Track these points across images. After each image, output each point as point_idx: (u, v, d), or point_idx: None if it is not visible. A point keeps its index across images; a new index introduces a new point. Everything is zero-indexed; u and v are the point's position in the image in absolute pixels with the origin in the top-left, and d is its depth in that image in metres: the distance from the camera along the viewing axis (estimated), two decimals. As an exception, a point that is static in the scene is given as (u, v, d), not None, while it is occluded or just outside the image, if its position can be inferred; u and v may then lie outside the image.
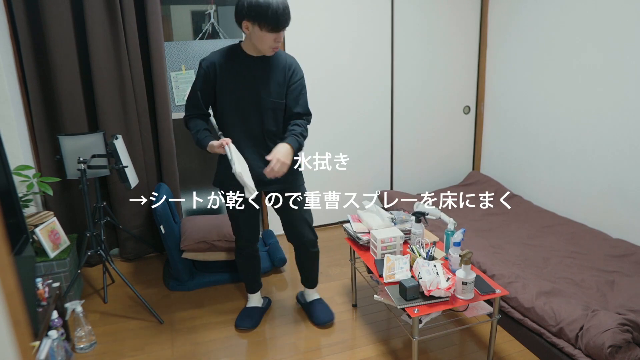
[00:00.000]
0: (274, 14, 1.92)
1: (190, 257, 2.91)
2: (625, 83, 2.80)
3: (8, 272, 0.60)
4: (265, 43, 2.02)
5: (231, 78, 2.11)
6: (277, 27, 1.97)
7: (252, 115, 2.15)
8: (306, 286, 2.62)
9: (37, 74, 2.88)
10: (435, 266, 2.00)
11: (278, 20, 1.94)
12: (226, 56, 2.12)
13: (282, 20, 1.96)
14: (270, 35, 1.98)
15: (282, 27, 1.98)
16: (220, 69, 2.10)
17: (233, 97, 2.13)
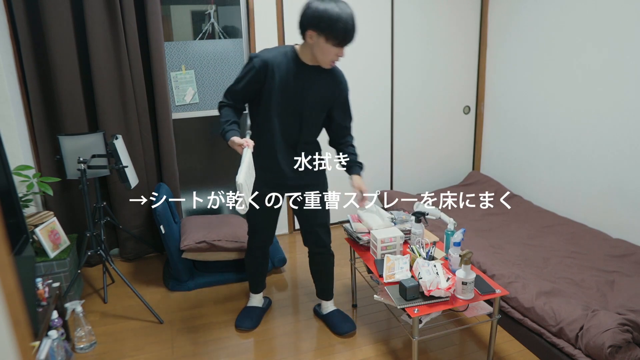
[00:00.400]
0: (344, 29, 1.89)
1: (190, 257, 2.91)
2: (625, 83, 2.80)
3: (8, 272, 0.60)
4: (327, 56, 1.99)
5: (281, 83, 2.05)
6: (344, 42, 1.94)
7: (293, 124, 2.13)
8: (322, 298, 2.57)
9: (37, 74, 2.88)
10: (435, 266, 2.00)
11: (346, 35, 1.91)
12: (281, 59, 2.05)
13: (350, 36, 1.94)
14: (334, 49, 1.96)
15: (349, 42, 1.96)
16: (273, 72, 2.03)
17: (279, 102, 2.08)
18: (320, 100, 2.13)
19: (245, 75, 2.07)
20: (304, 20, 1.94)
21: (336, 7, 1.89)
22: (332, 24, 1.88)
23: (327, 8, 1.88)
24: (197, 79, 3.32)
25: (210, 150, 3.65)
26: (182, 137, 3.47)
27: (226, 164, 3.72)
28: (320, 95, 2.12)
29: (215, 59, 3.34)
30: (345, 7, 1.91)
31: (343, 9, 1.89)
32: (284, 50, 2.08)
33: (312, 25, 1.91)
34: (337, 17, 1.87)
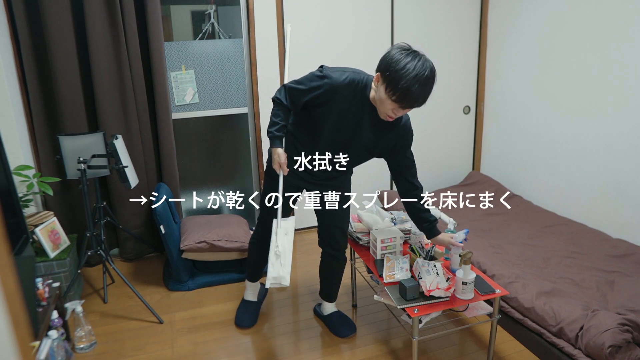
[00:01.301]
0: (407, 87, 1.70)
1: (190, 257, 2.91)
2: (625, 83, 2.80)
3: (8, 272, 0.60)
4: (384, 107, 1.82)
5: (340, 114, 1.94)
6: (402, 100, 1.74)
7: (337, 149, 2.06)
8: (324, 299, 2.54)
9: (37, 74, 2.88)
10: (435, 266, 2.00)
11: (407, 94, 1.71)
12: (349, 90, 1.90)
13: (411, 98, 1.73)
14: (391, 104, 1.78)
15: (409, 105, 1.76)
16: (337, 100, 1.91)
17: (330, 128, 1.99)
18: (373, 144, 2.02)
19: (310, 90, 1.94)
20: (380, 60, 1.82)
21: (413, 62, 1.73)
22: (398, 77, 1.71)
23: (402, 59, 1.74)
24: (197, 79, 3.32)
25: (210, 150, 3.65)
26: (182, 137, 3.47)
27: (226, 164, 3.72)
28: (374, 140, 2.00)
29: (215, 59, 3.34)
30: (423, 66, 1.73)
31: (418, 67, 1.72)
32: (357, 79, 1.91)
33: (381, 69, 1.78)
34: (406, 71, 1.70)
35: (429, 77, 1.73)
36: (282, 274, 1.97)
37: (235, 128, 3.62)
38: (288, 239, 2.05)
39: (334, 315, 2.53)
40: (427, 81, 1.72)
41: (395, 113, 1.82)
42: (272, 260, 2.01)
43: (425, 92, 1.74)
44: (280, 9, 3.31)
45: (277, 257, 2.01)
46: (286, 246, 2.03)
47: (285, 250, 2.02)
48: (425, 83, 1.72)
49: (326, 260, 2.45)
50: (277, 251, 2.02)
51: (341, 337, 2.43)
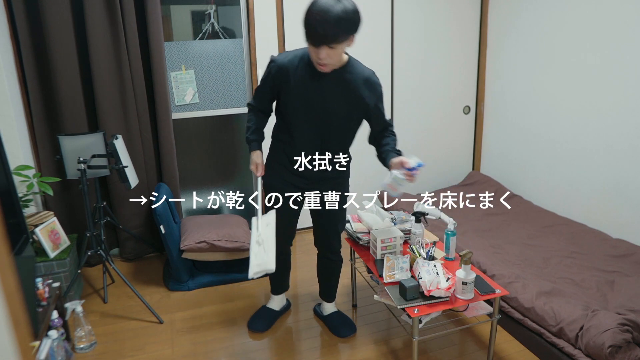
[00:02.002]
0: (308, 23, 1.73)
1: (190, 257, 2.91)
2: (625, 83, 2.80)
3: (8, 272, 0.60)
4: (311, 56, 1.85)
5: (299, 88, 1.96)
6: (309, 38, 1.76)
7: (315, 128, 2.04)
8: (324, 299, 2.55)
9: (37, 74, 2.88)
10: (435, 266, 2.00)
11: (309, 30, 1.73)
12: (298, 63, 1.95)
13: (313, 32, 1.72)
14: (310, 47, 1.81)
15: (317, 40, 1.75)
16: (288, 77, 1.96)
17: (299, 107, 2.01)
18: (343, 107, 1.98)
19: (264, 80, 2.05)
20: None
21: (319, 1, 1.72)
22: (305, 16, 1.73)
23: (312, 1, 1.74)
24: (197, 79, 3.32)
25: (210, 150, 3.65)
26: (182, 137, 3.47)
27: (226, 164, 3.72)
28: (342, 102, 1.97)
29: (215, 59, 3.34)
30: (330, 2, 1.70)
31: (324, 2, 1.70)
32: (301, 53, 1.96)
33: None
34: (311, 8, 1.72)
35: (333, 11, 1.68)
36: (267, 259, 1.94)
37: (235, 128, 3.62)
38: (270, 229, 2.03)
39: (333, 315, 2.53)
40: (330, 15, 1.68)
41: (318, 56, 1.79)
42: (255, 249, 1.98)
43: (329, 26, 1.69)
44: (280, 9, 3.31)
45: (259, 245, 1.98)
46: (269, 235, 2.01)
47: (267, 239, 2.00)
48: (327, 16, 1.68)
49: (322, 261, 2.46)
50: (259, 240, 1.99)
51: (341, 337, 2.43)
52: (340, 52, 1.83)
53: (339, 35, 1.74)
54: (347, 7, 1.72)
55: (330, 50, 1.78)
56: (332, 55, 1.80)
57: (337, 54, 1.82)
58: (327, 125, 2.04)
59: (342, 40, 1.77)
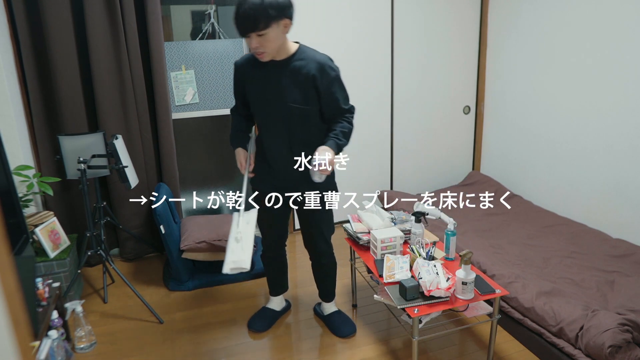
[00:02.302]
0: (234, 17, 1.80)
1: (190, 257, 2.91)
2: (625, 83, 2.80)
3: (8, 272, 0.60)
4: (250, 48, 1.90)
5: (255, 83, 2.04)
6: (237, 28, 1.82)
7: (278, 122, 2.06)
8: (323, 299, 2.54)
9: (37, 74, 2.88)
10: (435, 266, 2.00)
11: (236, 24, 1.81)
12: (254, 60, 2.00)
13: (239, 22, 1.79)
14: (246, 40, 1.87)
15: (243, 30, 1.81)
16: (246, 73, 2.05)
17: (258, 102, 2.07)
18: (296, 93, 1.98)
19: (234, 82, 2.16)
20: None
21: None
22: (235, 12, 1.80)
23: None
24: (197, 79, 3.33)
25: (210, 150, 3.65)
26: (182, 137, 3.47)
27: (226, 164, 3.72)
28: (295, 88, 1.97)
29: (215, 59, 3.34)
30: None
31: None
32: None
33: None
34: (236, 4, 1.79)
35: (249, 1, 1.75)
36: (243, 257, 1.94)
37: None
38: (250, 227, 2.05)
39: (334, 314, 2.52)
40: (247, 4, 1.75)
41: (251, 45, 1.86)
42: (232, 245, 1.99)
43: (247, 15, 1.75)
44: (280, 9, 3.31)
45: (237, 242, 1.99)
46: (248, 233, 2.02)
47: (246, 237, 2.00)
48: (245, 5, 1.75)
49: (315, 264, 2.45)
50: (237, 237, 2.00)
51: (341, 337, 2.42)
52: (272, 38, 1.84)
53: (259, 22, 1.77)
54: None
55: (260, 39, 1.82)
56: (264, 43, 1.84)
57: (270, 41, 1.84)
58: (288, 117, 2.03)
59: (266, 27, 1.79)
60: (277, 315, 2.58)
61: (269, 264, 2.50)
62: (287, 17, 1.84)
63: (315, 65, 1.96)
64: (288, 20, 1.85)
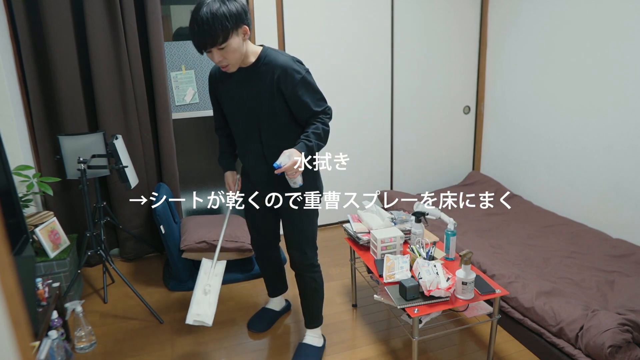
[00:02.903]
0: (191, 33, 1.72)
1: (190, 257, 2.91)
2: (625, 83, 2.80)
3: (8, 272, 0.59)
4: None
5: (225, 92, 2.00)
6: (197, 48, 1.75)
7: (250, 130, 1.99)
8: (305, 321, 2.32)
9: (37, 74, 2.88)
10: (435, 266, 2.00)
11: (193, 40, 1.73)
12: (216, 67, 2.01)
13: (195, 39, 1.72)
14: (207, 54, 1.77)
15: (199, 46, 1.73)
16: (217, 83, 2.01)
17: (229, 111, 2.03)
18: (263, 98, 1.88)
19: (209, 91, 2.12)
20: None
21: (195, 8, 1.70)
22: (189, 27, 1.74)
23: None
24: (197, 79, 3.32)
25: (210, 150, 3.64)
26: (182, 137, 3.47)
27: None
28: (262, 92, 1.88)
29: (215, 59, 3.34)
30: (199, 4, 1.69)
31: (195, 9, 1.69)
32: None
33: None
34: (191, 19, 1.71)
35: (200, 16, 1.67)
36: (208, 313, 2.01)
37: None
38: (218, 280, 2.12)
39: (301, 347, 2.26)
40: (199, 20, 1.67)
41: (213, 59, 1.78)
42: (198, 297, 2.05)
43: (204, 29, 1.67)
44: (280, 9, 3.31)
45: (205, 294, 2.05)
46: (216, 286, 2.09)
47: (214, 290, 2.08)
48: (198, 22, 1.67)
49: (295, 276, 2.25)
50: (206, 289, 2.07)
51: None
52: (234, 48, 1.75)
53: (217, 37, 1.69)
54: (211, 7, 1.67)
55: (222, 52, 1.74)
56: (227, 55, 1.76)
57: (232, 52, 1.75)
58: (259, 124, 1.95)
59: (225, 39, 1.71)
60: (276, 316, 2.57)
61: (261, 265, 2.48)
62: (245, 23, 1.76)
63: (279, 70, 1.84)
64: (246, 26, 1.77)
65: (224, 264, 2.18)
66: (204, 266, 2.14)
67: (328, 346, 2.35)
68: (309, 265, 2.17)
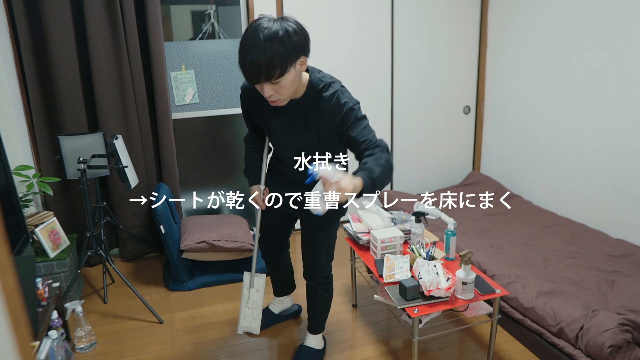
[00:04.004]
0: (241, 63, 1.51)
1: (190, 257, 2.91)
2: (625, 83, 2.80)
3: (8, 272, 0.59)
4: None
5: (264, 117, 1.82)
6: (246, 77, 1.52)
7: (283, 152, 1.88)
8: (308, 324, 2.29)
9: (37, 74, 2.88)
10: (435, 266, 2.00)
11: (243, 70, 1.51)
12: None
13: (246, 72, 1.49)
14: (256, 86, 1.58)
15: (252, 79, 1.51)
16: (254, 100, 1.80)
17: (265, 127, 1.87)
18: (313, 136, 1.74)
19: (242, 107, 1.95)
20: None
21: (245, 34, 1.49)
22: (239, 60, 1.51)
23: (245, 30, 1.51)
24: (197, 79, 3.32)
25: (210, 150, 3.64)
26: (182, 137, 3.47)
27: (226, 164, 3.72)
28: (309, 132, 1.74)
29: (215, 59, 3.34)
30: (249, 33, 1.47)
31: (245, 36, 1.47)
32: None
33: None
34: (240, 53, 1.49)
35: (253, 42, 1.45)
36: (254, 327, 2.28)
37: (235, 128, 3.62)
38: (259, 296, 2.27)
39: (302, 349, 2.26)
40: (255, 49, 1.44)
41: (264, 92, 1.55)
42: (244, 311, 2.29)
43: (259, 60, 1.44)
44: (280, 9, 3.31)
45: (248, 309, 2.24)
46: (257, 302, 2.27)
47: (257, 306, 2.28)
48: (249, 50, 1.44)
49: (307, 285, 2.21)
50: (249, 305, 2.28)
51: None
52: (289, 83, 1.53)
53: (273, 70, 1.46)
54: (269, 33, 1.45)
55: (275, 86, 1.52)
56: (280, 90, 1.54)
57: (286, 87, 1.54)
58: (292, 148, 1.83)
59: (282, 74, 1.49)
60: (275, 319, 2.53)
61: (268, 264, 2.45)
62: (304, 54, 1.55)
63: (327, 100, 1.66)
64: (304, 57, 1.56)
65: (263, 278, 2.30)
66: (244, 280, 2.29)
67: (328, 346, 2.35)
68: (324, 278, 2.14)
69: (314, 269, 2.11)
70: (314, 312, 2.23)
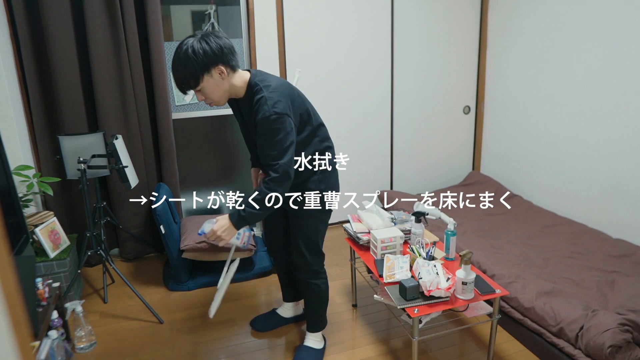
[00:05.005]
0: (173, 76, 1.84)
1: (190, 257, 2.91)
2: (625, 83, 2.80)
3: (8, 272, 0.59)
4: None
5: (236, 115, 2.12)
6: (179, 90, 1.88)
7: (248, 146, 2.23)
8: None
9: (37, 74, 2.88)
10: (435, 266, 2.00)
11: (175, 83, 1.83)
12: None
13: (178, 86, 1.81)
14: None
15: (182, 91, 1.82)
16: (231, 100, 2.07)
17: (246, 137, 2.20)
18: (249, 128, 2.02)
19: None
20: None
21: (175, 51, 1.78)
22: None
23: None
24: (197, 79, 3.32)
25: (210, 150, 3.64)
26: (182, 137, 3.47)
27: (226, 164, 3.72)
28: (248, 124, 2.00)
29: (215, 59, 3.33)
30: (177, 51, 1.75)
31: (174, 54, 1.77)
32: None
33: None
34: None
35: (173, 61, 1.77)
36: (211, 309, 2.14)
37: (235, 128, 3.62)
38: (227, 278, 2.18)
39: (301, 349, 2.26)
40: (173, 66, 1.77)
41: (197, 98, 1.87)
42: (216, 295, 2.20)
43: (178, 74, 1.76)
44: (280, 9, 3.31)
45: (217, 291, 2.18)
46: (223, 284, 2.17)
47: (222, 288, 2.16)
48: (172, 68, 1.78)
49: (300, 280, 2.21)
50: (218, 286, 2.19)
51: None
52: (210, 90, 1.81)
53: (188, 81, 1.76)
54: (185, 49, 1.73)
55: (199, 93, 1.82)
56: (206, 95, 1.83)
57: (209, 93, 1.82)
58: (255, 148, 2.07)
59: (197, 83, 1.77)
60: (283, 322, 2.52)
61: (275, 262, 2.44)
62: (219, 63, 1.76)
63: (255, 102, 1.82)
64: (222, 66, 1.77)
65: (236, 263, 2.26)
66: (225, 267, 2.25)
67: (328, 346, 2.35)
68: (312, 272, 2.15)
69: (299, 260, 2.13)
70: (308, 307, 2.26)
